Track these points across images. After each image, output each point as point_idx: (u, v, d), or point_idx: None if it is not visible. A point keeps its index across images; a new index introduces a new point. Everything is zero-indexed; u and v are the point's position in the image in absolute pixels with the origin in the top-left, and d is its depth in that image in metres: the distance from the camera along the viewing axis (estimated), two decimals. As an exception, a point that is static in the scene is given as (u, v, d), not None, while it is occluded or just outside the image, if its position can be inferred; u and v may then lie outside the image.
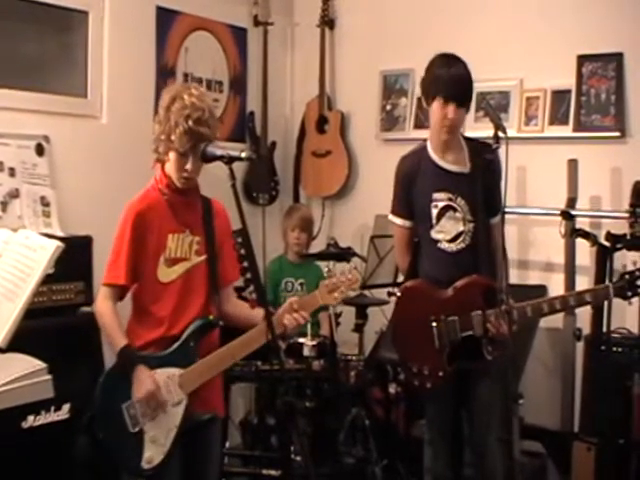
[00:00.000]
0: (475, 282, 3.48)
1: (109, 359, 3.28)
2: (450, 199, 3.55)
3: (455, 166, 3.58)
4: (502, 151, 3.34)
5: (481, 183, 3.46)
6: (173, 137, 2.98)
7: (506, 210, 3.50)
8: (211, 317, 3.16)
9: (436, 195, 3.57)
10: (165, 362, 3.08)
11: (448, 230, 3.56)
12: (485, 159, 3.38)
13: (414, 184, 3.62)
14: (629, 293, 3.32)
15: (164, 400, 3.04)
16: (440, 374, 3.49)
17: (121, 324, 3.10)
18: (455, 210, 3.55)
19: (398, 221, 3.72)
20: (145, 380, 3.01)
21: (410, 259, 3.71)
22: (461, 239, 3.55)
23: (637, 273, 3.31)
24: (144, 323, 3.13)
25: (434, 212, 3.56)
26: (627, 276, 3.31)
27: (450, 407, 3.63)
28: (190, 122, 2.96)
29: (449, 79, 3.47)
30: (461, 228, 3.55)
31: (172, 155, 3.02)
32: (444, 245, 3.57)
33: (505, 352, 3.28)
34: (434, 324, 3.49)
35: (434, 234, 3.58)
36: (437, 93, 3.48)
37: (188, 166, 3.01)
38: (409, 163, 3.67)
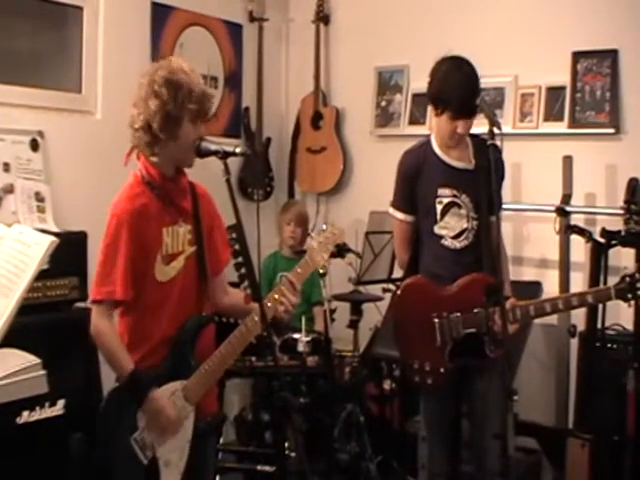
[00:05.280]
0: (478, 280, 3.45)
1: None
2: (455, 195, 3.53)
3: (460, 162, 3.56)
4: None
5: (485, 180, 3.43)
6: (191, 106, 2.79)
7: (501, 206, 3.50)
8: (204, 314, 2.98)
9: (441, 191, 3.54)
10: (167, 378, 2.88)
11: (452, 226, 3.54)
12: (488, 156, 3.34)
13: (418, 179, 3.59)
14: (629, 295, 3.29)
15: (178, 423, 2.87)
16: (441, 370, 3.47)
17: (122, 343, 2.87)
18: (459, 207, 3.53)
19: (399, 215, 3.68)
20: (162, 411, 2.82)
21: (410, 254, 3.70)
22: (464, 236, 3.53)
23: (637, 276, 3.28)
24: (141, 331, 2.90)
25: (439, 208, 3.54)
26: (628, 278, 3.28)
27: (450, 405, 3.62)
28: (201, 84, 2.85)
29: (459, 96, 3.40)
30: (465, 225, 3.53)
31: (185, 129, 2.81)
32: (447, 242, 3.55)
33: (506, 350, 3.27)
34: (436, 320, 3.48)
35: (438, 230, 3.55)
36: (446, 108, 3.43)
37: (202, 129, 2.87)
38: (413, 158, 3.64)
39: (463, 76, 3.46)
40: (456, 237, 3.55)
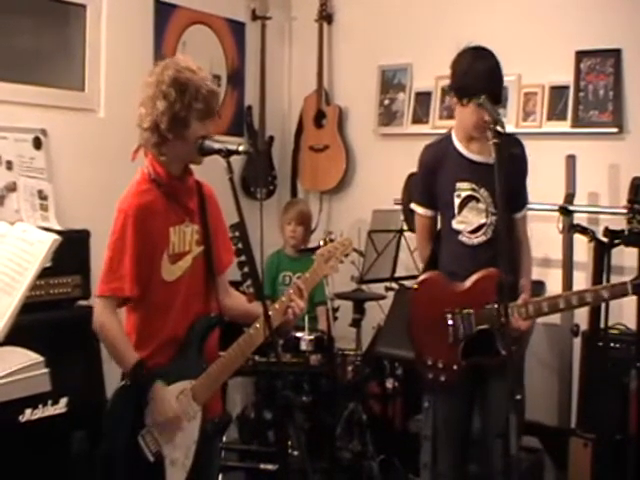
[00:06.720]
0: (491, 275, 3.41)
1: (106, 354, 3.09)
2: (473, 189, 3.48)
3: (480, 156, 3.50)
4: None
5: (506, 175, 3.38)
6: (198, 105, 2.78)
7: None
8: (213, 315, 2.99)
9: (459, 185, 3.50)
10: (176, 377, 2.88)
11: (470, 221, 3.50)
12: (511, 152, 3.32)
13: (438, 173, 3.55)
14: None
15: (183, 420, 2.87)
16: (454, 368, 3.45)
17: (127, 337, 2.87)
18: (478, 201, 3.49)
19: (420, 210, 3.67)
20: (165, 402, 2.81)
21: (431, 249, 3.67)
22: (482, 231, 3.49)
23: None
24: (147, 330, 2.90)
25: (456, 202, 3.50)
26: None
27: (462, 403, 3.59)
28: (209, 83, 2.84)
29: (488, 84, 3.37)
30: (483, 220, 3.49)
31: (193, 129, 2.79)
32: (464, 237, 3.51)
33: (519, 348, 3.24)
34: (449, 316, 3.46)
35: (455, 224, 3.52)
36: (473, 97, 3.38)
37: (210, 127, 2.86)
38: (433, 152, 3.61)
39: (489, 65, 3.44)
40: (474, 232, 3.50)
